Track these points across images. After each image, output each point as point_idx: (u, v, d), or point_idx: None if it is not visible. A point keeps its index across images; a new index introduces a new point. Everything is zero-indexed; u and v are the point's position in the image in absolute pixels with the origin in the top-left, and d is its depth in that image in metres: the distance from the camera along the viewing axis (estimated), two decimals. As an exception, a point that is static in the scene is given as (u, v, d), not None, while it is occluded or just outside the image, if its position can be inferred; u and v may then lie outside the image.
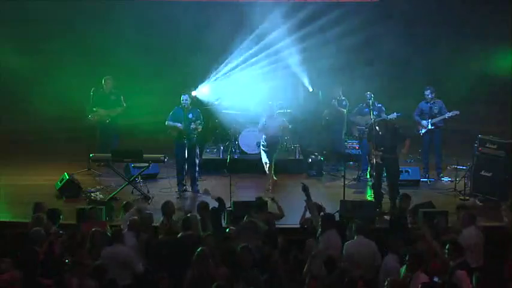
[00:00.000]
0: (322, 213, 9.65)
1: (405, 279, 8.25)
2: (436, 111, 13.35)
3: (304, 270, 8.65)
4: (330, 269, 8.42)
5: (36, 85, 16.07)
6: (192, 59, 16.03)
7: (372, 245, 9.15)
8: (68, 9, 16.37)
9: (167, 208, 10.03)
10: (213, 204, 10.37)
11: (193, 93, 14.37)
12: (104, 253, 8.83)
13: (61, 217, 10.01)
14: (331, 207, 11.03)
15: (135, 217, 9.71)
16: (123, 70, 15.29)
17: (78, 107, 14.56)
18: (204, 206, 10.08)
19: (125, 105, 14.15)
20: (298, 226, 10.30)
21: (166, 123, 12.66)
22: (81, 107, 14.27)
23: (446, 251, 8.63)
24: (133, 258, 8.86)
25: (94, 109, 13.99)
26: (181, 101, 12.60)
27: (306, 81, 15.37)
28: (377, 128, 11.86)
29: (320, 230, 9.28)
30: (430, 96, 13.37)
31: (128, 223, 9.51)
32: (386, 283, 7.87)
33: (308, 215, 10.00)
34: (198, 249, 8.50)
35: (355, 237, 9.20)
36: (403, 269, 8.44)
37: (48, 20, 16.23)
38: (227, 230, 9.91)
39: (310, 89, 15.34)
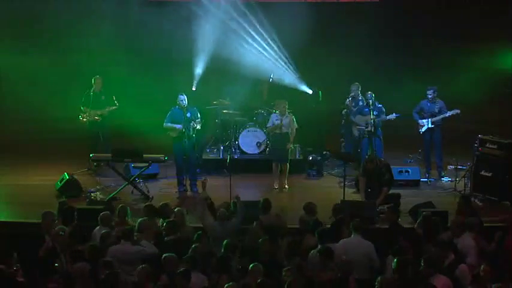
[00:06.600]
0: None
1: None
2: (436, 110, 13.35)
3: None
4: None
5: (32, 85, 16.04)
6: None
7: (368, 245, 9.03)
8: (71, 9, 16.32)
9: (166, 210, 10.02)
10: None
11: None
12: (111, 250, 8.86)
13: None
14: (331, 208, 11.02)
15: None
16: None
17: (73, 107, 14.49)
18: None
19: (117, 104, 14.02)
20: (297, 226, 10.28)
21: (164, 125, 12.58)
22: (77, 107, 14.19)
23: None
24: (143, 255, 8.85)
25: (82, 108, 13.92)
26: (178, 101, 12.52)
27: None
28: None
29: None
30: (432, 96, 13.37)
31: (100, 218, 9.59)
32: (377, 282, 7.79)
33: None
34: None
35: (352, 235, 9.13)
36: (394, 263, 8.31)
37: (45, 19, 16.15)
38: None
39: (310, 91, 15.31)
